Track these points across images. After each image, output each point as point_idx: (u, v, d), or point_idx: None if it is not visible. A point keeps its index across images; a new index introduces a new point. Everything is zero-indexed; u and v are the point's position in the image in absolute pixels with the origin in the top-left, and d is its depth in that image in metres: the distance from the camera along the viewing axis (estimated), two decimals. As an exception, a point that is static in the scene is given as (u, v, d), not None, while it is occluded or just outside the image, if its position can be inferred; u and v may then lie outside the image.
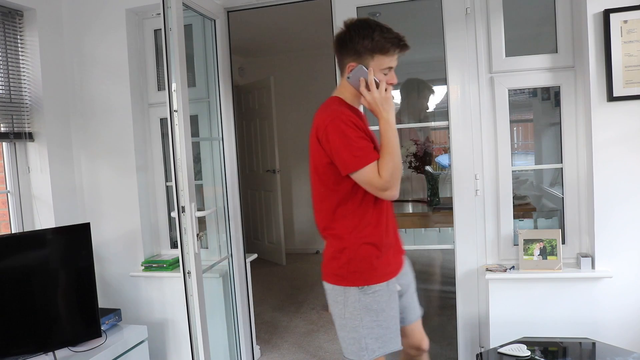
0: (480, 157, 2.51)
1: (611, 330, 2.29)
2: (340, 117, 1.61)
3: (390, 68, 1.67)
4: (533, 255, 2.40)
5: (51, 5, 2.75)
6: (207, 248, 2.89)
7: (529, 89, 2.78)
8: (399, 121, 4.32)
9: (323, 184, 1.71)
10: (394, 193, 1.63)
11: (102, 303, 2.73)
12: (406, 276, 1.91)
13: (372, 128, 1.83)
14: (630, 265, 2.28)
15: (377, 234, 1.71)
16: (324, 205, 1.74)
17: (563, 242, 2.44)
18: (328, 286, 1.76)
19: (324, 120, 1.63)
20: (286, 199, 5.93)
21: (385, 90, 1.66)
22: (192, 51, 2.72)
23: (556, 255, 2.37)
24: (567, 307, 2.34)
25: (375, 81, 1.64)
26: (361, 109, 1.87)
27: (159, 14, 2.18)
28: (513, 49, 2.46)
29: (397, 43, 1.64)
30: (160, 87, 2.91)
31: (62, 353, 2.29)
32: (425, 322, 1.98)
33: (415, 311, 1.94)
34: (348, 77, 1.67)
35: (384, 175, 1.59)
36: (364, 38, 1.63)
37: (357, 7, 2.60)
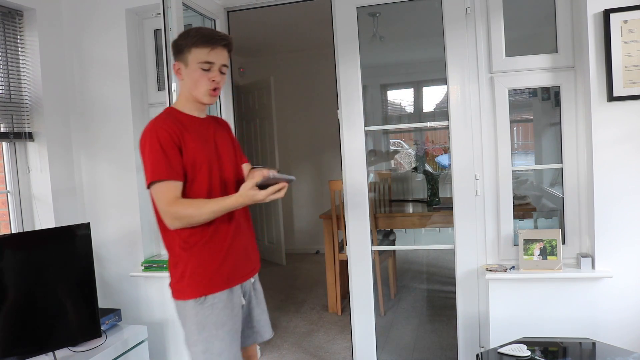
0: (480, 157, 2.51)
1: (611, 330, 2.29)
2: (154, 129, 1.67)
3: (209, 63, 1.67)
4: (533, 255, 2.39)
5: (51, 5, 2.75)
6: (207, 248, 2.89)
7: (529, 89, 2.78)
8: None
9: None
10: (167, 223, 1.65)
11: (102, 303, 2.72)
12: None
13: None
14: (630, 265, 2.28)
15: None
16: None
17: (563, 242, 2.44)
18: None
19: (143, 132, 1.69)
20: (286, 199, 5.93)
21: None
22: (192, 51, 2.72)
23: (556, 255, 2.37)
24: (567, 307, 2.34)
25: (263, 185, 1.59)
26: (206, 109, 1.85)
27: (159, 14, 2.18)
28: (513, 49, 2.45)
29: (210, 36, 1.68)
30: (160, 87, 2.90)
31: (62, 353, 2.28)
32: (425, 322, 1.96)
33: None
34: None
35: (180, 208, 1.62)
36: (184, 36, 1.72)
37: (357, 7, 2.60)
